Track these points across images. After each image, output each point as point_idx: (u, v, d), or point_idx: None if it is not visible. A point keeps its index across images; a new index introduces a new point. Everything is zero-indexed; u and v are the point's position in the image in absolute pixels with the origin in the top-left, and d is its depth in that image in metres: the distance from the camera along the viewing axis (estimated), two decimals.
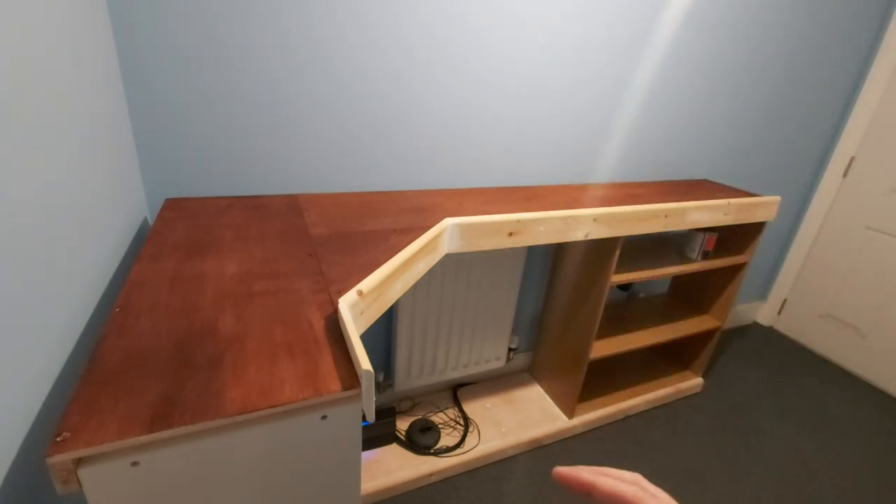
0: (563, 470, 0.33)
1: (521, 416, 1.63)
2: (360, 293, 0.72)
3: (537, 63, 1.37)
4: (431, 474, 1.40)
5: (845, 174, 2.15)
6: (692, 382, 1.89)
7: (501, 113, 1.39)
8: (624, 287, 1.91)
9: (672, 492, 1.41)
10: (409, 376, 1.56)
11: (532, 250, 1.67)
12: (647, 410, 1.79)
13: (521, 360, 1.87)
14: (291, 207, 1.09)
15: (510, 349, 1.74)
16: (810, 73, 1.90)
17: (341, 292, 0.73)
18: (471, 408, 1.66)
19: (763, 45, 1.72)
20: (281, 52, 1.08)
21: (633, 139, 1.65)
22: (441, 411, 1.63)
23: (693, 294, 1.90)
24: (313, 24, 1.08)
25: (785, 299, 2.45)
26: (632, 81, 1.54)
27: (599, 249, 1.41)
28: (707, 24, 1.57)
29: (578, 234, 1.23)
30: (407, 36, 1.18)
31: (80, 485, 0.43)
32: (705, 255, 1.61)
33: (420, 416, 1.58)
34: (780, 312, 2.48)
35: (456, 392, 1.72)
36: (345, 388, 0.53)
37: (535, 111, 1.44)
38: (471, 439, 1.51)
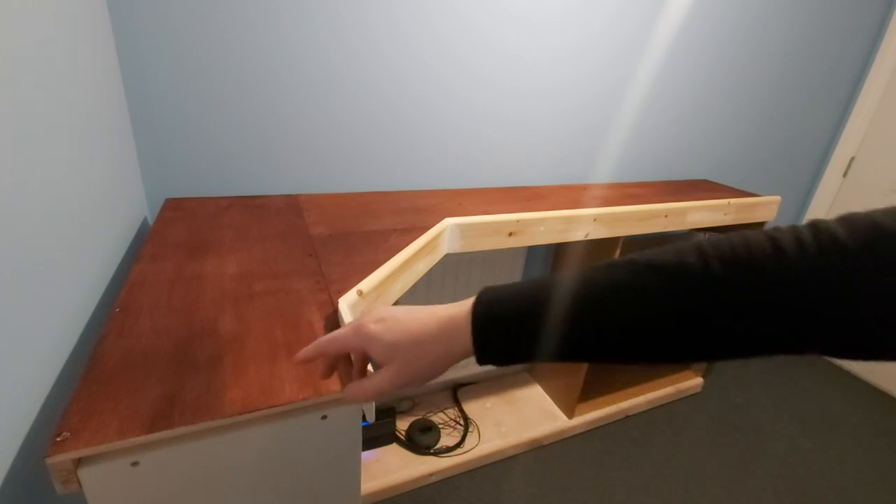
0: (302, 354, 0.43)
1: (521, 416, 1.63)
2: (360, 293, 0.72)
3: (537, 62, 1.37)
4: (431, 474, 1.40)
5: (845, 174, 2.15)
6: (692, 382, 1.89)
7: (501, 113, 1.39)
8: None
9: (672, 491, 1.41)
10: None
11: (532, 250, 1.67)
12: (647, 410, 1.79)
13: None
14: (291, 207, 1.09)
15: None
16: (810, 73, 1.90)
17: (341, 292, 0.73)
18: (471, 408, 1.66)
19: (763, 45, 1.72)
20: (281, 51, 1.08)
21: (633, 139, 1.65)
22: (441, 411, 1.63)
23: None
24: (313, 24, 1.08)
25: None
26: (632, 81, 1.54)
27: (599, 249, 1.41)
28: (707, 24, 1.56)
29: (578, 235, 1.23)
30: (407, 36, 1.18)
31: (80, 485, 0.43)
32: None
33: (420, 416, 1.58)
34: None
35: (456, 392, 1.72)
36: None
37: (536, 111, 1.44)
38: (471, 439, 1.51)
